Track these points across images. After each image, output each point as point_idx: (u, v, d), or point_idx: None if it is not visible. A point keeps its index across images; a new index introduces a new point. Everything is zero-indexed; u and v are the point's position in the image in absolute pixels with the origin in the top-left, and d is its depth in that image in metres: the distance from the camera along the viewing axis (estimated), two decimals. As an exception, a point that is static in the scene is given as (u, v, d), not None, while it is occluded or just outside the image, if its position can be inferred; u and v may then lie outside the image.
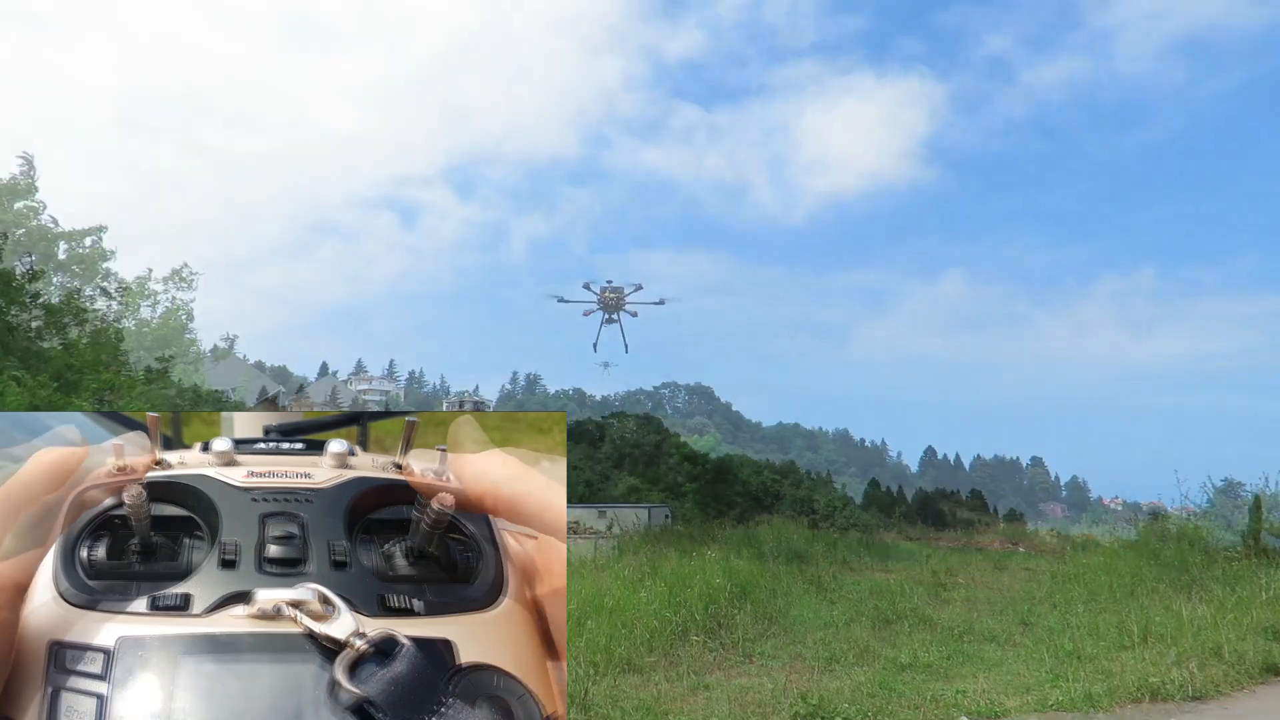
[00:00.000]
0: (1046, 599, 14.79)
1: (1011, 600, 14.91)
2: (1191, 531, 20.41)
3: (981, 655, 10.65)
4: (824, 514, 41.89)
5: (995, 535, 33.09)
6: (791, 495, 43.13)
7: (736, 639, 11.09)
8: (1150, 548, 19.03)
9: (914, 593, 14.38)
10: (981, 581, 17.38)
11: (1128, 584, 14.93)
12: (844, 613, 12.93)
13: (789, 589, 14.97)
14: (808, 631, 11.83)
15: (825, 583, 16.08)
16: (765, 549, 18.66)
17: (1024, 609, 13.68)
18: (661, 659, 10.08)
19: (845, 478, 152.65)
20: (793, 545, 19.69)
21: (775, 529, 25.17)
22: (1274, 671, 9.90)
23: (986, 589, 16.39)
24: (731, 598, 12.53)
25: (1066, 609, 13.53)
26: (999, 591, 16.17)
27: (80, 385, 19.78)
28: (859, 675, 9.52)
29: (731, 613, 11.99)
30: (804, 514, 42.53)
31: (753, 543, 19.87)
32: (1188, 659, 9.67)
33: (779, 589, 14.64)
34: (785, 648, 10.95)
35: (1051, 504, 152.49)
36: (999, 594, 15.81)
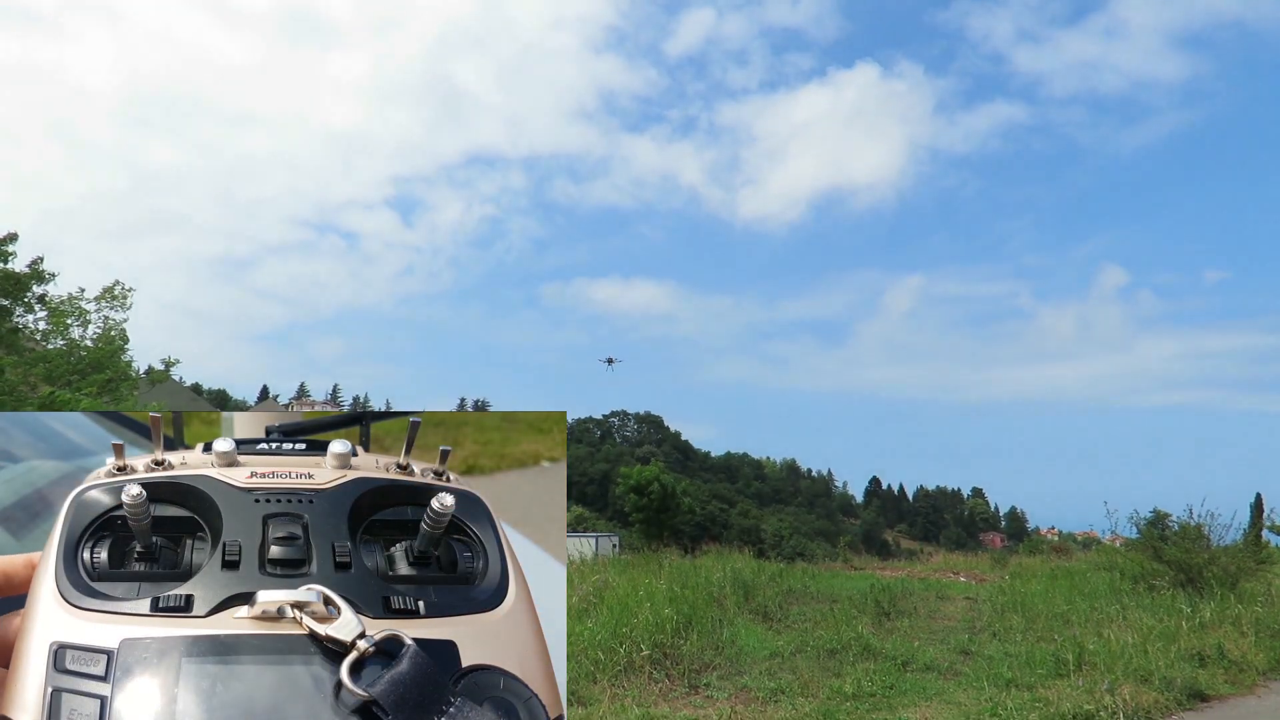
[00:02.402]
0: (987, 627, 15.11)
1: (953, 629, 15.18)
2: (1122, 560, 21.36)
3: (923, 685, 10.81)
4: (771, 543, 42.55)
5: (937, 565, 33.98)
6: (738, 524, 43.89)
7: (683, 670, 11.06)
8: (1084, 576, 19.58)
9: (859, 622, 14.50)
10: (924, 610, 17.65)
11: (1063, 613, 15.35)
12: (790, 642, 13.00)
13: (735, 619, 15.01)
14: (754, 662, 11.88)
15: (772, 612, 16.22)
16: (712, 578, 18.62)
17: (965, 638, 13.91)
18: (607, 690, 10.04)
19: (792, 507, 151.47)
20: (739, 575, 19.65)
21: (722, 558, 25.39)
22: (1200, 697, 10.29)
23: (929, 618, 16.67)
24: (678, 628, 12.47)
25: (1006, 637, 13.84)
26: (941, 620, 16.46)
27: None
28: (804, 706, 9.62)
29: (678, 643, 11.96)
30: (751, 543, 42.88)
31: (700, 572, 19.87)
32: (1120, 686, 9.98)
33: (725, 619, 14.65)
34: (731, 678, 10.99)
35: (991, 534, 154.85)
36: (941, 623, 16.09)
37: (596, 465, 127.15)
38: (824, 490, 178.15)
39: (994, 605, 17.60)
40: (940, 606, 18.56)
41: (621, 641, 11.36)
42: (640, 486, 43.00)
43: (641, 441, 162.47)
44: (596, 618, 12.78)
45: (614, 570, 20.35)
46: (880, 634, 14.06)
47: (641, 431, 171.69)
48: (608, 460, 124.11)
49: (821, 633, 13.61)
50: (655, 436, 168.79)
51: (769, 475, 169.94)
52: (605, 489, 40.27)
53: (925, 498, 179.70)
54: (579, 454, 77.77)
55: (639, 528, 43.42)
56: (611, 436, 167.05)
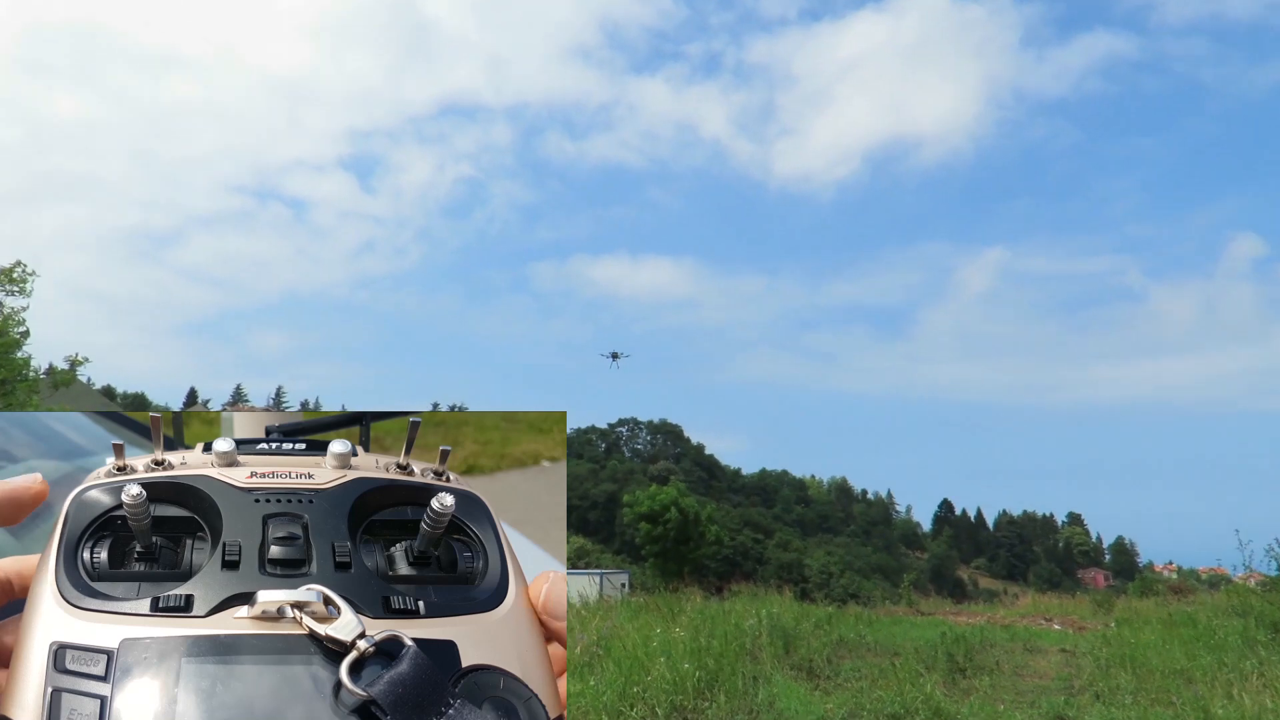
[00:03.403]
0: (1088, 687, 12.92)
1: (1045, 689, 12.97)
2: (1258, 603, 17.70)
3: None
4: (817, 582, 38.72)
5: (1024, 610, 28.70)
6: (776, 559, 40.44)
7: (708, 739, 9.59)
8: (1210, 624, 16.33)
9: (927, 680, 12.20)
10: (1009, 666, 15.16)
11: (1183, 669, 13.05)
12: (841, 705, 11.08)
13: (772, 676, 12.85)
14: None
15: (818, 668, 13.87)
16: (744, 625, 15.79)
17: (1060, 700, 11.84)
18: (613, 765, 8.72)
19: (843, 537, 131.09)
20: (778, 621, 16.71)
21: (757, 600, 22.11)
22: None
23: (1015, 675, 14.33)
24: (701, 687, 10.77)
25: (1111, 700, 11.72)
26: (1030, 678, 14.17)
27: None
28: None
29: (701, 706, 10.33)
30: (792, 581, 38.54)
31: (729, 617, 16.94)
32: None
33: (761, 675, 12.59)
34: (768, 750, 9.43)
35: (1092, 570, 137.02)
36: (1030, 681, 13.82)
37: (601, 486, 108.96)
38: (882, 516, 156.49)
39: (1096, 660, 14.93)
40: (1029, 661, 15.88)
41: (632, 704, 9.80)
42: (654, 512, 37.61)
43: (656, 456, 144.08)
44: (601, 674, 11.05)
45: (623, 615, 17.97)
46: (954, 696, 11.85)
47: (655, 444, 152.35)
48: (614, 480, 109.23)
49: (880, 694, 11.43)
50: (672, 450, 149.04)
51: (814, 498, 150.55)
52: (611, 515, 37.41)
53: (1009, 526, 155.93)
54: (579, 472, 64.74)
55: (653, 563, 38.42)
56: (619, 450, 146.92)
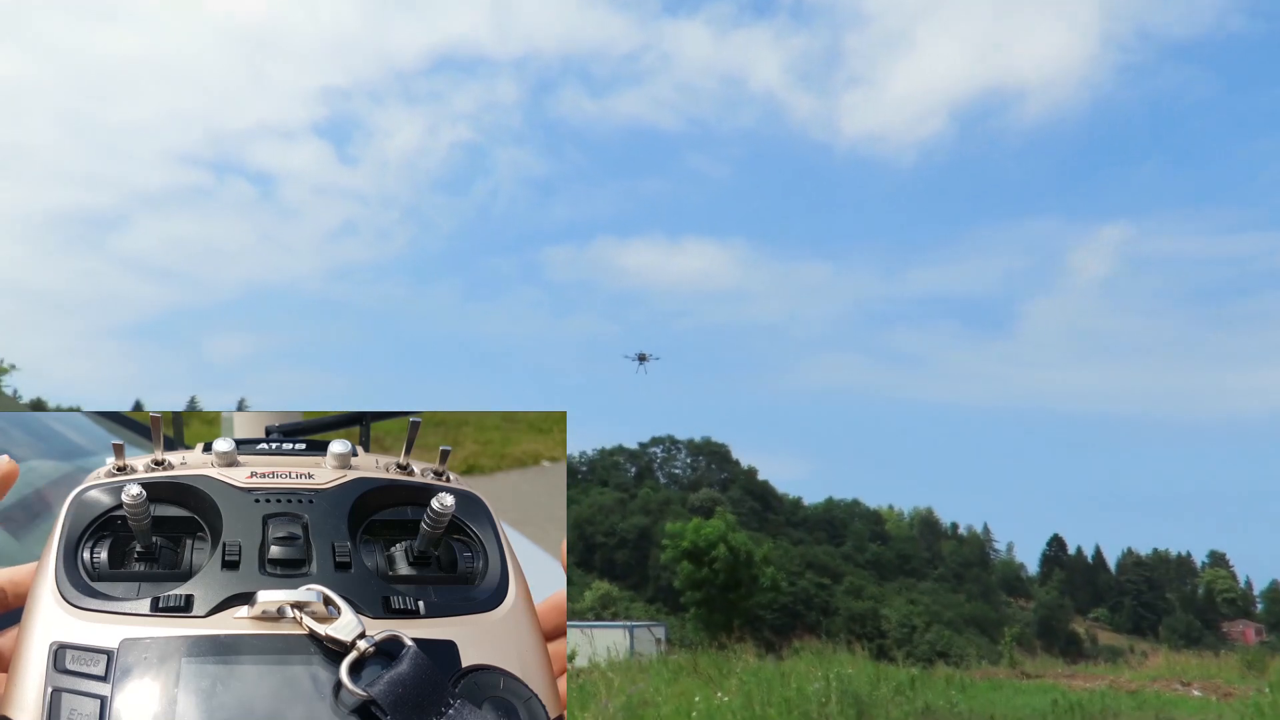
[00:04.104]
0: None
1: None
2: None
3: None
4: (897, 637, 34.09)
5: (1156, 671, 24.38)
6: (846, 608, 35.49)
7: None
8: None
9: None
10: None
11: None
12: None
13: None
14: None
15: None
16: (808, 690, 13.15)
17: None
18: None
19: (928, 582, 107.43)
20: (849, 685, 13.79)
21: (823, 659, 18.32)
22: None
23: None
24: None
25: None
26: None
27: None
28: None
29: None
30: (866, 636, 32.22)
31: (789, 680, 14.13)
32: None
33: None
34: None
35: (1240, 623, 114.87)
36: None
37: (630, 520, 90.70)
38: (978, 557, 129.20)
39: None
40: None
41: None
42: (698, 550, 32.22)
43: (698, 483, 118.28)
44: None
45: (659, 677, 15.23)
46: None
47: (698, 468, 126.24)
48: (647, 512, 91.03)
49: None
50: (719, 475, 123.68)
51: (892, 534, 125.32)
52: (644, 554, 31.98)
53: (1135, 568, 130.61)
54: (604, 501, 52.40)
55: (696, 612, 33.15)
56: (652, 476, 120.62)
